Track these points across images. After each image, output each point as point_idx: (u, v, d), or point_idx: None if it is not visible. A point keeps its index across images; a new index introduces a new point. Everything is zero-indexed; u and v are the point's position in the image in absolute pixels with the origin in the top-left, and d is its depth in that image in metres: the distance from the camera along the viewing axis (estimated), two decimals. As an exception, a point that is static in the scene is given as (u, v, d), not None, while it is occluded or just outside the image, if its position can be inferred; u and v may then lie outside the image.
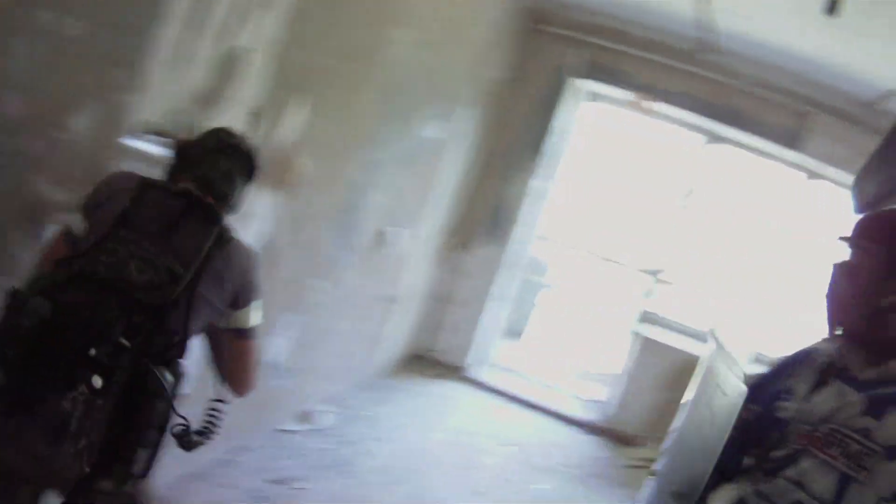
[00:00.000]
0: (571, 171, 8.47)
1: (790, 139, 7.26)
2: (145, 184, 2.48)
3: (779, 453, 2.20)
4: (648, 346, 7.56)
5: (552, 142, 7.81)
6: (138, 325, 2.25)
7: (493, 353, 8.37)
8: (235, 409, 2.73)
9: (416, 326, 7.70)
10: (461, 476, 5.90)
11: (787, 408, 2.26)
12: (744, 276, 8.14)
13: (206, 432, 2.54)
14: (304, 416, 5.69)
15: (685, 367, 7.13)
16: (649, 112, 7.77)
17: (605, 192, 9.24)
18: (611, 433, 7.53)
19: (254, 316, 2.59)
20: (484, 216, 7.80)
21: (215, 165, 2.62)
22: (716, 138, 7.82)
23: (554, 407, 7.77)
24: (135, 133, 3.36)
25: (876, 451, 1.98)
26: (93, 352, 2.15)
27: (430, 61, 5.84)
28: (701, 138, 7.92)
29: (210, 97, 3.70)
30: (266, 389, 4.91)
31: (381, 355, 7.06)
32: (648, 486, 2.91)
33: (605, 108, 8.25)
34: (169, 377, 2.29)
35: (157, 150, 4.00)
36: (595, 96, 8.11)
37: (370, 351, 6.82)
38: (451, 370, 7.85)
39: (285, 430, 5.46)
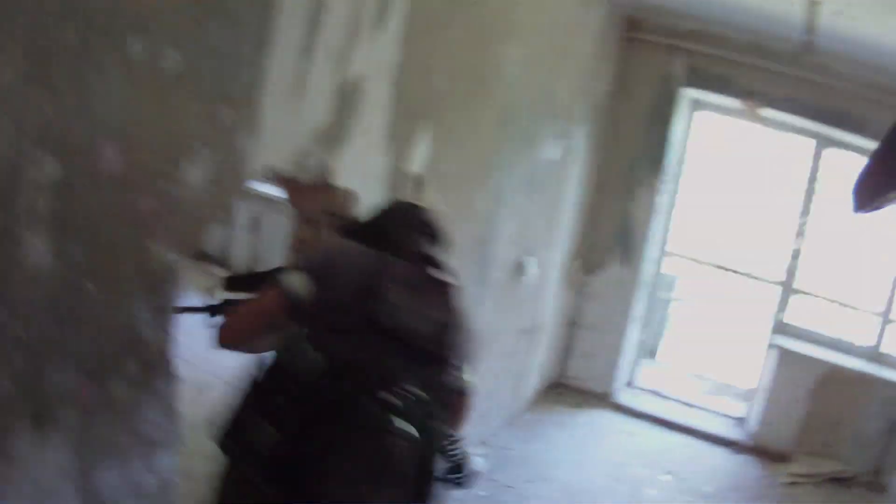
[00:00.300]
0: (692, 182, 7.61)
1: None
2: (377, 251, 2.38)
3: None
4: (788, 359, 6.71)
5: (671, 154, 7.01)
6: (422, 374, 2.25)
7: (633, 376, 7.55)
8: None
9: (553, 355, 6.94)
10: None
11: None
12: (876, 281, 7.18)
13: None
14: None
15: (828, 377, 6.53)
16: (760, 119, 6.92)
17: (727, 202, 8.31)
18: (759, 451, 6.73)
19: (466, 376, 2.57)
20: (609, 236, 7.03)
21: (414, 243, 2.47)
22: (826, 142, 6.95)
23: (698, 426, 6.98)
24: (255, 180, 2.75)
25: None
26: (390, 397, 2.14)
27: (542, 78, 5.17)
28: (811, 142, 7.06)
29: (333, 133, 3.07)
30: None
31: (523, 389, 6.33)
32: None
33: (712, 116, 7.43)
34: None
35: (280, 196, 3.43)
36: (700, 104, 7.29)
37: (514, 386, 6.10)
38: (592, 397, 7.07)
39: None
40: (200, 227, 2.51)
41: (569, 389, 7.06)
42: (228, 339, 2.33)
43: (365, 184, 3.36)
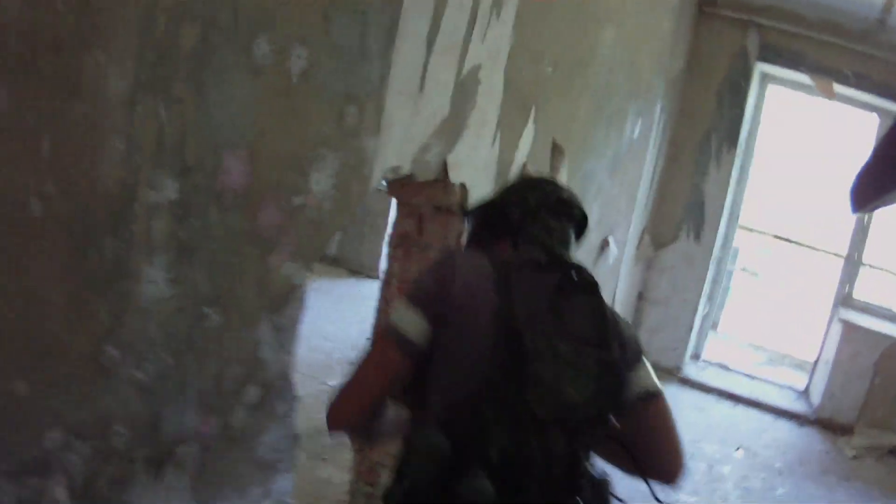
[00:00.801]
0: (763, 156, 7.03)
1: None
2: (501, 264, 1.60)
3: None
4: (853, 333, 6.14)
5: (743, 129, 6.45)
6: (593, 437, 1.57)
7: (700, 350, 7.05)
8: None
9: None
10: (705, 490, 4.77)
11: None
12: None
13: None
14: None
15: (892, 351, 6.08)
16: (832, 94, 6.32)
17: (796, 176, 7.68)
18: (822, 423, 6.23)
19: (650, 373, 1.69)
20: (680, 210, 6.49)
21: (548, 227, 1.73)
22: (889, 116, 6.26)
23: (762, 399, 6.46)
24: (382, 183, 2.32)
25: None
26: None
27: (629, 58, 4.65)
28: (874, 116, 6.46)
29: (451, 126, 2.62)
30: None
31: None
32: None
33: (783, 91, 6.84)
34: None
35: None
36: (772, 79, 6.71)
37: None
38: (659, 371, 6.37)
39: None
40: (324, 237, 2.09)
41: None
42: (341, 419, 1.56)
43: (476, 176, 2.92)
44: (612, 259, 5.12)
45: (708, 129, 6.41)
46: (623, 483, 1.68)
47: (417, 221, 3.07)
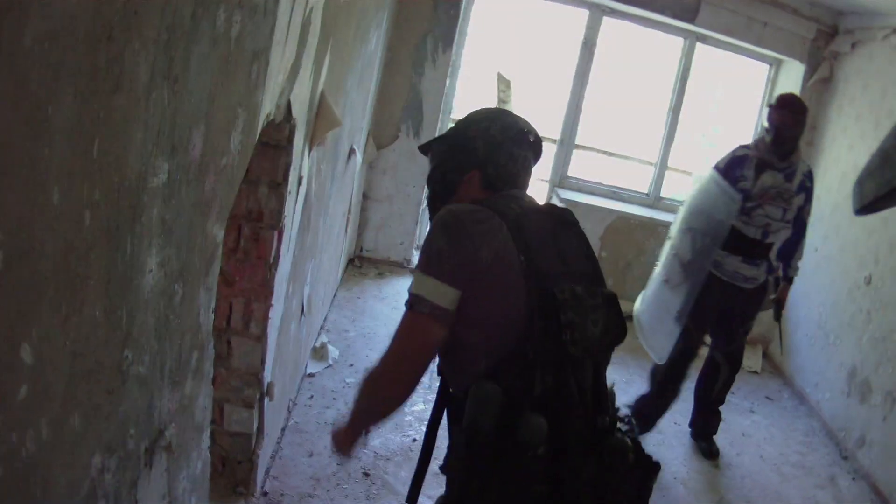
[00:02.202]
0: (479, 54, 7.18)
1: (686, 13, 6.24)
2: (505, 214, 1.66)
3: (749, 205, 3.87)
4: (576, 210, 6.05)
5: (457, 29, 6.46)
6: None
7: (421, 239, 7.28)
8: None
9: (354, 230, 6.44)
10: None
11: (746, 184, 3.87)
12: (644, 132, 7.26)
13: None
14: (317, 354, 4.64)
15: (615, 225, 6.48)
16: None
17: (512, 70, 7.92)
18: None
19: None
20: (399, 111, 6.43)
21: (512, 156, 1.84)
22: (602, 11, 6.52)
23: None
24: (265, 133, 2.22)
25: (792, 193, 3.92)
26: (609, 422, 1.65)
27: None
28: (587, 14, 6.60)
29: (295, 68, 2.54)
30: (298, 339, 3.92)
31: (340, 268, 5.95)
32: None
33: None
34: None
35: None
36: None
37: (336, 268, 5.72)
38: (391, 265, 6.54)
39: (311, 375, 4.40)
40: (233, 192, 1.98)
41: (367, 261, 6.48)
42: (398, 396, 1.65)
43: (299, 109, 2.84)
44: (357, 165, 5.20)
45: (424, 32, 6.34)
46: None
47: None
